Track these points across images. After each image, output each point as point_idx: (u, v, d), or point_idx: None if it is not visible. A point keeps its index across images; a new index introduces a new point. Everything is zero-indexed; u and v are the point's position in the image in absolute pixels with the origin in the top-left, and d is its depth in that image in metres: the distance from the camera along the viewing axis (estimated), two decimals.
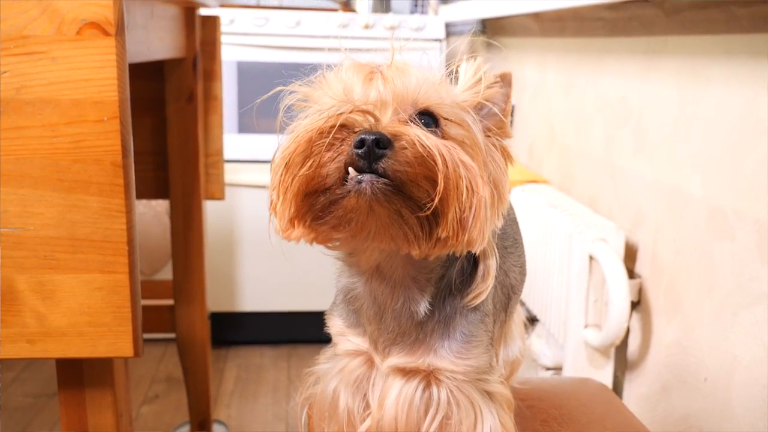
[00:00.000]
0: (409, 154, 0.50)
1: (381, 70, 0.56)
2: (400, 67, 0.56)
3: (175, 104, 1.31)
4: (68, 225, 0.68)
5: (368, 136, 0.49)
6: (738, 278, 0.98)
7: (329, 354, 0.66)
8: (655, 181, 1.21)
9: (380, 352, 0.61)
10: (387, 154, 0.49)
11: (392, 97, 0.54)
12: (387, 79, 0.55)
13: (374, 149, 0.49)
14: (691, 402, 1.09)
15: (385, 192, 0.50)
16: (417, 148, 0.50)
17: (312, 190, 0.52)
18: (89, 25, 0.65)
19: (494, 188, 0.56)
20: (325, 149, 0.50)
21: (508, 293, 0.68)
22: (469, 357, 0.60)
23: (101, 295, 0.69)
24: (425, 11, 2.61)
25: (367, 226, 0.52)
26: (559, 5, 1.43)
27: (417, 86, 0.55)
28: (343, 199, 0.51)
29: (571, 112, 1.59)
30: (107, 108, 0.66)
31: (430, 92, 0.55)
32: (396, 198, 0.50)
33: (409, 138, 0.50)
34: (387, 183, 0.50)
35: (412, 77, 0.55)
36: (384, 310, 0.60)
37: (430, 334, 0.60)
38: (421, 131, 0.51)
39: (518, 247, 0.72)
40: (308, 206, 0.52)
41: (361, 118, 0.51)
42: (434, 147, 0.50)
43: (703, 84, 1.07)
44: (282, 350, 2.23)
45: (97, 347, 0.70)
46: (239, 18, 2.04)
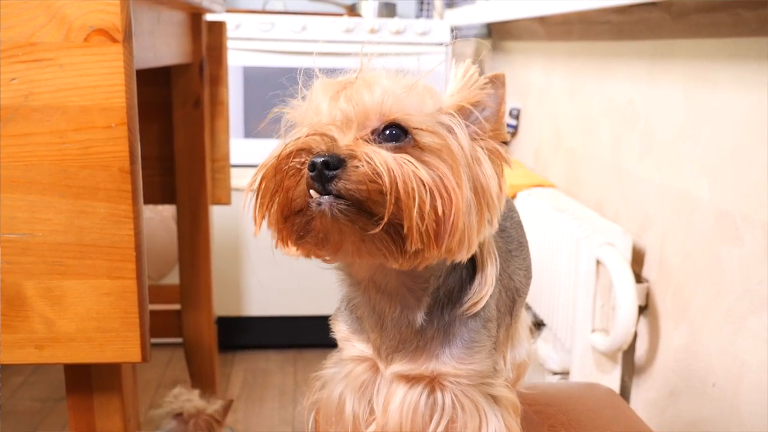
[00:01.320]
0: (361, 173, 0.50)
1: (348, 86, 0.55)
2: (368, 79, 0.55)
3: (181, 109, 1.31)
4: (76, 231, 0.68)
5: (317, 159, 0.50)
6: (746, 283, 0.97)
7: (335, 359, 0.66)
8: (662, 184, 1.20)
9: (383, 359, 0.61)
10: (338, 174, 0.50)
11: (356, 114, 0.54)
12: (352, 96, 0.54)
13: (324, 171, 0.50)
14: (699, 407, 1.09)
15: (346, 212, 0.50)
16: (369, 167, 0.50)
17: (288, 214, 0.53)
18: (97, 32, 0.65)
19: (481, 194, 0.56)
20: (290, 174, 0.52)
21: (513, 296, 0.68)
22: (472, 362, 0.59)
23: (109, 301, 0.70)
24: (431, 15, 2.61)
25: (340, 244, 0.53)
26: (565, 9, 1.43)
27: (382, 99, 0.54)
28: (312, 220, 0.52)
29: (578, 116, 1.58)
30: (115, 114, 0.66)
31: (398, 103, 0.54)
32: (358, 216, 0.51)
33: (360, 156, 0.50)
34: (345, 203, 0.50)
35: (378, 90, 0.54)
36: (383, 319, 0.60)
37: (430, 342, 0.60)
38: (373, 148, 0.51)
39: (523, 250, 0.72)
40: (289, 227, 0.53)
41: (318, 139, 0.52)
42: (381, 163, 0.50)
43: (710, 87, 1.06)
44: (288, 354, 2.23)
45: (105, 353, 0.70)
46: (245, 23, 2.05)
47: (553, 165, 1.73)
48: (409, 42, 2.13)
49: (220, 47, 1.40)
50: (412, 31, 2.13)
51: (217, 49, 1.39)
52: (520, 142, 2.02)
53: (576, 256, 1.27)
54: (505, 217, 0.70)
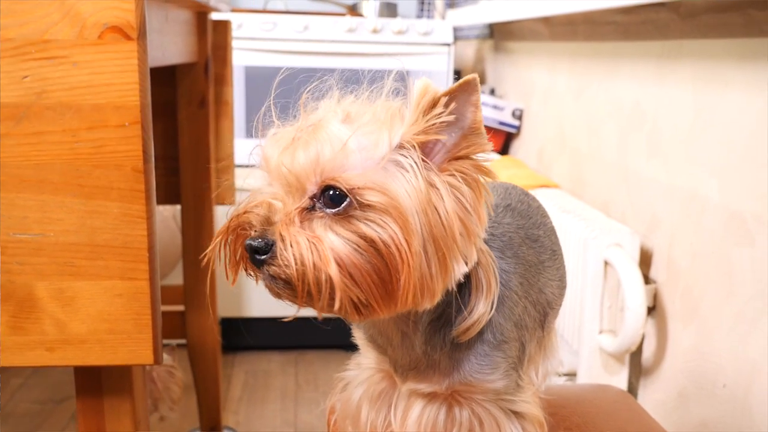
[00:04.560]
0: (285, 258, 0.50)
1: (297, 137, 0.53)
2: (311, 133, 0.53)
3: (186, 109, 1.30)
4: (88, 231, 0.67)
5: (249, 243, 0.51)
6: (758, 284, 0.97)
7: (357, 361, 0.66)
8: (670, 185, 1.20)
9: (399, 375, 0.61)
10: (267, 260, 0.51)
11: (295, 177, 0.52)
12: (293, 155, 0.52)
13: (255, 257, 0.51)
14: (709, 409, 1.08)
15: (285, 288, 0.52)
16: (290, 252, 0.50)
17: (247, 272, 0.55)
18: (111, 29, 0.64)
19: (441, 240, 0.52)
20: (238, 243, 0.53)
21: (543, 310, 0.66)
22: (485, 382, 0.59)
23: (121, 302, 0.69)
24: (432, 15, 2.60)
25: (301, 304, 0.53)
26: (570, 9, 1.43)
27: (317, 158, 0.51)
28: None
29: (583, 117, 1.58)
30: (129, 113, 0.65)
31: (335, 161, 0.51)
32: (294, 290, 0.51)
33: (287, 240, 0.51)
34: (277, 282, 0.52)
35: (314, 147, 0.51)
36: (391, 341, 0.60)
37: (438, 364, 0.59)
38: (297, 230, 0.51)
39: (557, 259, 0.69)
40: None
41: (255, 217, 0.52)
42: (294, 253, 0.50)
43: (720, 88, 1.06)
44: (290, 356, 2.22)
45: (117, 354, 0.69)
46: (247, 23, 2.04)
47: (557, 165, 1.72)
48: (412, 42, 2.13)
49: (225, 46, 1.38)
50: (415, 31, 2.12)
51: (223, 48, 1.38)
52: (523, 143, 2.02)
53: (583, 257, 1.26)
54: (538, 225, 0.68)
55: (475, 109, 0.52)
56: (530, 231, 0.66)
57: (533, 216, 0.68)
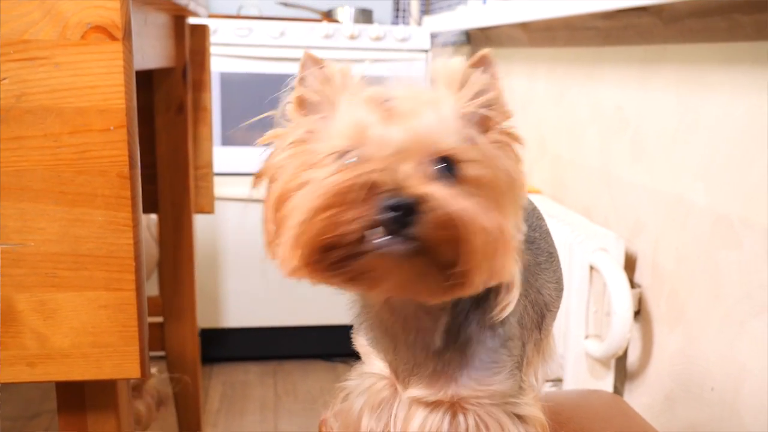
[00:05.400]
0: (438, 219, 0.47)
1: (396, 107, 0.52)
2: (416, 102, 0.52)
3: (164, 115, 1.27)
4: (71, 240, 0.64)
5: (399, 201, 0.47)
6: (746, 287, 0.97)
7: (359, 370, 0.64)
8: (654, 189, 1.20)
9: (401, 381, 0.59)
10: (415, 219, 0.47)
11: (412, 144, 0.50)
12: (405, 121, 0.51)
13: (402, 217, 0.47)
14: (696, 412, 1.08)
15: (410, 254, 0.48)
16: (445, 212, 0.47)
17: (327, 245, 0.49)
18: (95, 29, 0.61)
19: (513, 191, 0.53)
20: (348, 207, 0.48)
21: (541, 311, 0.65)
22: (492, 383, 0.58)
23: (106, 314, 0.66)
24: (407, 22, 2.60)
25: (386, 282, 0.50)
26: (548, 15, 1.43)
27: (435, 128, 0.51)
28: (362, 256, 0.48)
29: (564, 122, 1.58)
30: (114, 116, 0.63)
31: (448, 132, 0.52)
32: (420, 259, 0.48)
33: (438, 201, 0.48)
34: (413, 245, 0.47)
35: (430, 117, 0.51)
36: (397, 342, 0.58)
37: (447, 364, 0.58)
38: (448, 191, 0.49)
39: (553, 261, 0.70)
40: (320, 258, 0.49)
41: (386, 177, 0.48)
42: (464, 211, 0.48)
43: (704, 92, 1.06)
44: (268, 366, 2.18)
45: (102, 369, 0.67)
46: (222, 28, 2.01)
47: (538, 171, 1.72)
48: (389, 48, 2.12)
49: (203, 51, 1.36)
50: (392, 38, 2.11)
51: (200, 53, 1.35)
52: None
53: (569, 261, 1.26)
54: (534, 227, 0.68)
55: (496, 79, 0.56)
56: (527, 233, 0.65)
57: (529, 218, 0.68)
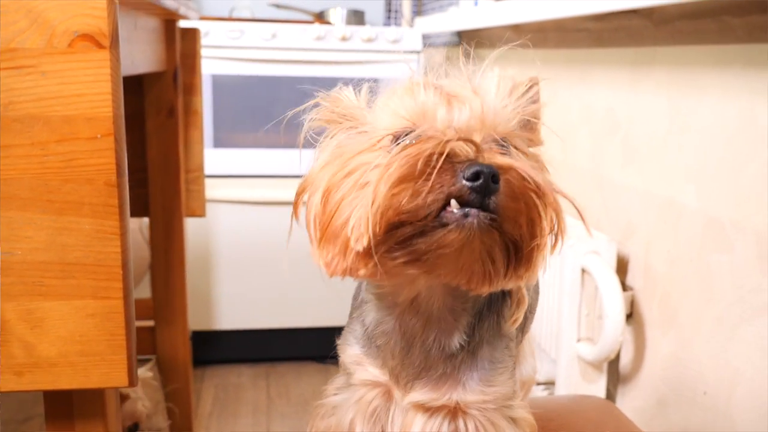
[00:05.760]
0: (516, 189, 0.47)
1: (456, 93, 0.53)
2: (476, 89, 0.53)
3: (155, 119, 1.27)
4: (59, 249, 0.64)
5: (484, 169, 0.46)
6: (738, 290, 0.97)
7: (340, 383, 0.63)
8: (646, 192, 1.20)
9: (401, 386, 0.59)
10: (497, 188, 0.46)
11: (479, 123, 0.51)
12: (469, 103, 0.52)
13: (489, 184, 0.46)
14: (689, 415, 1.08)
15: (487, 228, 0.46)
16: (524, 183, 0.47)
17: (400, 222, 0.47)
18: (82, 37, 0.61)
19: None
20: (427, 177, 0.46)
21: (525, 313, 0.66)
22: (496, 384, 0.57)
23: (94, 322, 0.65)
24: (399, 23, 2.60)
25: (450, 262, 0.48)
26: (539, 17, 1.43)
27: (495, 112, 0.52)
28: (435, 232, 0.47)
29: (555, 124, 1.58)
30: (101, 124, 0.62)
31: (507, 119, 0.53)
32: (493, 235, 0.47)
33: (517, 171, 0.47)
34: (492, 218, 0.46)
35: (490, 102, 0.52)
36: (412, 345, 0.57)
37: (458, 367, 0.57)
38: (525, 164, 0.49)
39: None
40: (388, 237, 0.48)
41: (466, 147, 0.47)
42: (544, 183, 0.48)
43: (695, 95, 1.06)
44: (260, 369, 2.18)
45: (89, 377, 0.66)
46: (213, 31, 2.00)
47: None
48: (381, 50, 2.11)
49: (194, 55, 1.35)
50: (384, 39, 2.11)
51: (191, 57, 1.35)
52: None
53: (561, 264, 1.26)
54: None
55: (539, 105, 0.58)
56: None
57: None
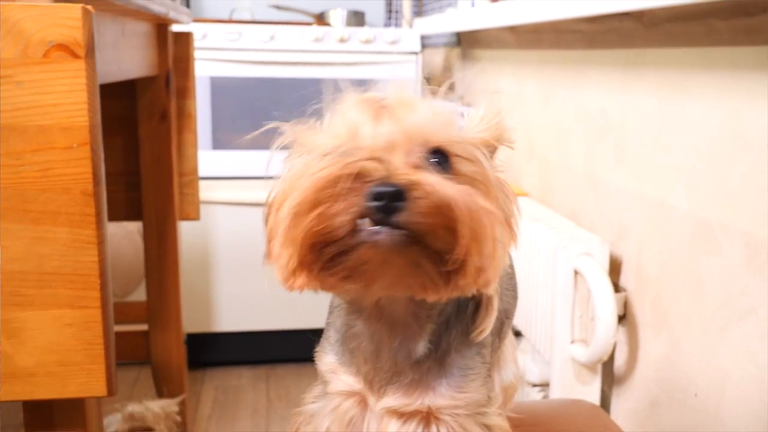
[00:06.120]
0: (427, 205, 0.47)
1: (387, 106, 0.52)
2: (407, 101, 0.53)
3: (147, 123, 1.27)
4: (35, 258, 0.64)
5: (385, 189, 0.46)
6: (726, 292, 0.97)
7: (318, 392, 0.63)
8: (638, 193, 1.20)
9: (375, 392, 0.59)
10: (403, 206, 0.46)
11: (403, 137, 0.51)
12: (395, 117, 0.51)
13: (391, 203, 0.46)
14: (681, 418, 1.08)
15: (403, 243, 0.47)
16: (434, 198, 0.47)
17: (320, 241, 0.48)
18: (57, 47, 0.61)
19: (508, 224, 0.54)
20: (336, 199, 0.47)
21: (501, 318, 0.66)
22: (468, 390, 0.57)
23: (72, 332, 0.66)
24: (399, 24, 2.59)
25: (381, 276, 0.49)
26: (535, 19, 1.42)
27: (426, 123, 0.52)
28: (355, 250, 0.47)
29: (551, 125, 1.58)
30: (77, 134, 0.63)
31: (441, 128, 0.52)
32: (413, 249, 0.47)
33: (426, 187, 0.47)
34: (404, 234, 0.47)
35: (421, 113, 0.52)
36: (380, 349, 0.57)
37: (426, 373, 0.57)
38: (437, 178, 0.48)
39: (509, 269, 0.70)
40: (315, 257, 0.49)
41: (374, 165, 0.47)
42: (453, 196, 0.47)
43: (684, 96, 1.06)
44: (260, 371, 2.18)
45: (67, 387, 0.66)
46: (212, 33, 2.01)
47: (527, 174, 1.72)
48: (379, 51, 2.11)
49: (187, 59, 1.35)
50: (382, 40, 2.11)
51: (184, 60, 1.35)
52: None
53: (553, 266, 1.26)
54: None
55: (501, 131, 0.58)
56: None
57: None
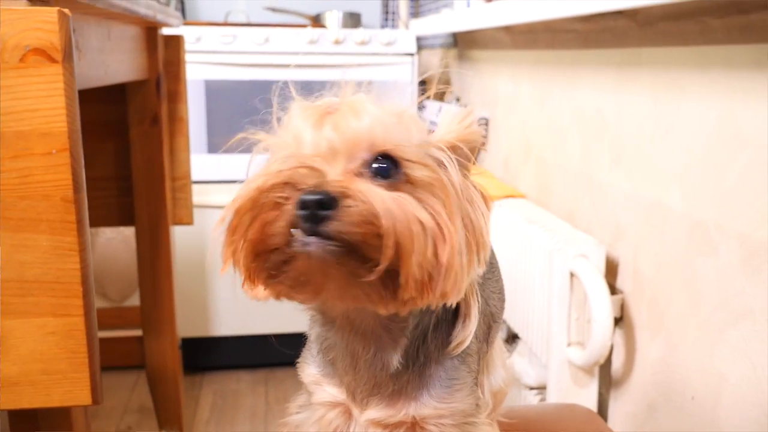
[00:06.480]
0: (355, 213, 0.45)
1: (332, 112, 0.51)
2: (354, 106, 0.51)
3: (138, 127, 1.26)
4: (16, 266, 0.63)
5: (310, 197, 0.45)
6: (722, 294, 0.95)
7: (302, 401, 0.62)
8: (633, 194, 1.18)
9: (358, 403, 0.57)
10: (331, 215, 0.45)
11: (344, 143, 0.49)
12: (338, 123, 0.50)
13: (317, 212, 0.45)
14: (678, 421, 1.07)
15: (336, 254, 0.45)
16: (361, 207, 0.45)
17: (261, 250, 0.48)
18: (34, 52, 0.60)
19: (471, 233, 0.52)
20: (270, 208, 0.46)
21: (488, 322, 0.65)
22: (453, 401, 0.56)
23: (55, 340, 0.65)
24: (396, 25, 2.58)
25: (323, 287, 0.48)
26: (530, 18, 1.41)
27: (372, 128, 0.50)
28: (294, 259, 0.47)
29: (547, 125, 1.56)
30: (56, 140, 0.62)
31: (388, 133, 0.50)
32: (349, 259, 0.46)
33: (358, 195, 0.46)
34: (335, 244, 0.45)
35: (367, 118, 0.50)
36: (357, 360, 0.56)
37: (406, 385, 0.56)
38: (370, 186, 0.47)
39: (495, 272, 0.69)
40: (260, 266, 0.48)
41: (306, 173, 0.47)
42: (379, 203, 0.46)
43: (679, 96, 1.05)
44: (259, 374, 2.17)
45: (51, 396, 0.65)
46: (206, 36, 2.00)
47: (523, 175, 1.71)
48: (375, 52, 2.10)
49: (178, 62, 1.35)
50: (377, 42, 2.10)
51: (175, 64, 1.34)
52: (488, 152, 2.00)
53: (549, 268, 1.24)
54: None
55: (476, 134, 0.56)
56: None
57: None
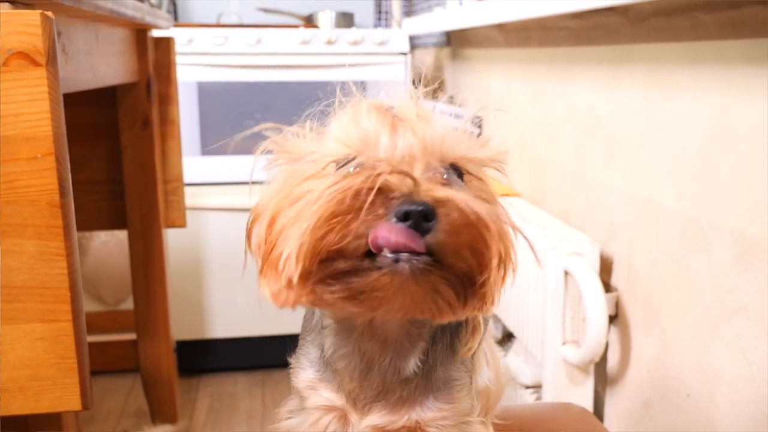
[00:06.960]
0: (455, 223, 0.43)
1: (402, 117, 0.50)
2: (423, 114, 0.50)
3: (129, 130, 1.26)
4: (3, 272, 0.62)
5: (413, 208, 0.43)
6: (716, 291, 0.95)
7: (293, 406, 0.61)
8: (627, 192, 1.18)
9: (359, 410, 0.57)
10: (431, 226, 0.43)
11: (422, 150, 0.48)
12: (416, 130, 0.49)
13: (421, 223, 0.43)
14: (674, 419, 1.06)
15: (423, 271, 0.43)
16: (464, 216, 0.44)
17: (331, 256, 0.45)
18: (17, 56, 0.60)
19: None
20: (357, 213, 0.43)
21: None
22: (454, 401, 0.56)
23: (43, 346, 0.64)
24: (389, 24, 2.58)
25: (391, 302, 0.45)
26: (522, 16, 1.41)
27: (443, 137, 0.49)
28: (368, 273, 0.44)
29: (541, 123, 1.56)
30: (41, 144, 0.61)
31: (456, 144, 0.50)
32: (435, 273, 0.44)
33: (455, 204, 0.44)
34: (427, 262, 0.43)
35: (438, 127, 0.50)
36: (370, 368, 0.56)
37: (414, 390, 0.56)
38: (466, 195, 0.45)
39: None
40: (319, 269, 0.45)
41: (399, 180, 0.44)
42: (485, 214, 0.44)
43: (671, 92, 1.04)
44: (256, 376, 2.17)
45: (40, 402, 0.65)
46: (197, 37, 1.99)
47: (518, 173, 1.71)
48: (367, 52, 2.10)
49: (168, 64, 1.34)
50: (370, 41, 2.09)
51: (166, 66, 1.33)
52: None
53: (544, 267, 1.24)
54: None
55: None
56: None
57: None
